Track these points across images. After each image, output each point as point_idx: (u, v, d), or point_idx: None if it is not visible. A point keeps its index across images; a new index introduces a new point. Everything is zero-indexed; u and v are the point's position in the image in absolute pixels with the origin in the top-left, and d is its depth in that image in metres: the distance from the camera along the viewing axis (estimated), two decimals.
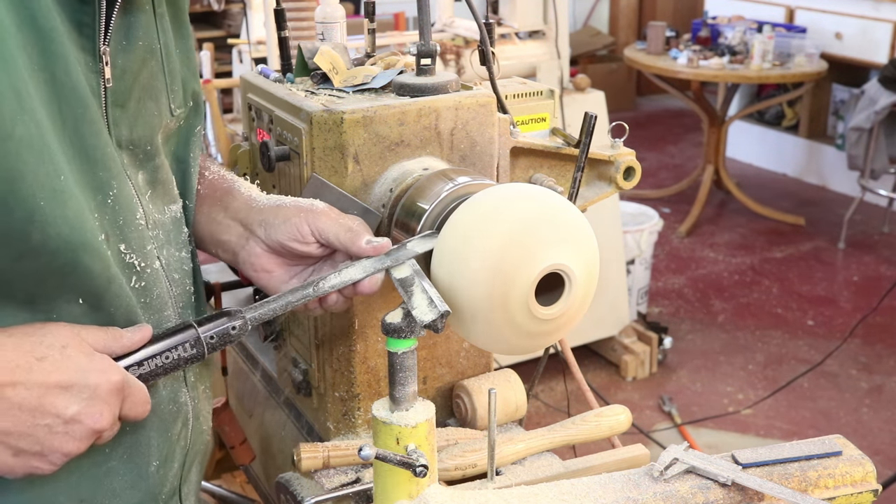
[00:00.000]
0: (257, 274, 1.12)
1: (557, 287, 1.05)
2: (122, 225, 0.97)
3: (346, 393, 1.29)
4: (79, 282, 0.91)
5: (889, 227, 5.39)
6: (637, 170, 1.40)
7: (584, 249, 1.05)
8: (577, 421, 1.31)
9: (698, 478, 1.09)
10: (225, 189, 1.18)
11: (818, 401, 3.72)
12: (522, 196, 1.05)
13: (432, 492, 1.02)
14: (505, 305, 1.02)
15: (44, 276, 0.89)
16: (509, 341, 1.07)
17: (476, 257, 1.01)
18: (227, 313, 1.00)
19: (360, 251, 1.06)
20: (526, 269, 1.01)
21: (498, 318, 1.03)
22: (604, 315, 3.79)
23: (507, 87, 1.42)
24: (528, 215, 1.03)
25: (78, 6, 0.90)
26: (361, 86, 1.27)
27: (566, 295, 1.05)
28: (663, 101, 8.13)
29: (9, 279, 0.87)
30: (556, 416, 3.50)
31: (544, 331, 1.07)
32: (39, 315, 0.91)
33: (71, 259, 0.89)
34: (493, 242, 1.01)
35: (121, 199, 0.96)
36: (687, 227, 5.35)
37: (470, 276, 1.02)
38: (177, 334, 0.98)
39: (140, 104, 1.01)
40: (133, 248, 0.99)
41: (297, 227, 1.08)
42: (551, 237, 1.02)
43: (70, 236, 0.88)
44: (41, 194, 0.84)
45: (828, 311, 4.46)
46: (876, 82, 4.93)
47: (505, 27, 3.40)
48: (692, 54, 5.20)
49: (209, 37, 6.01)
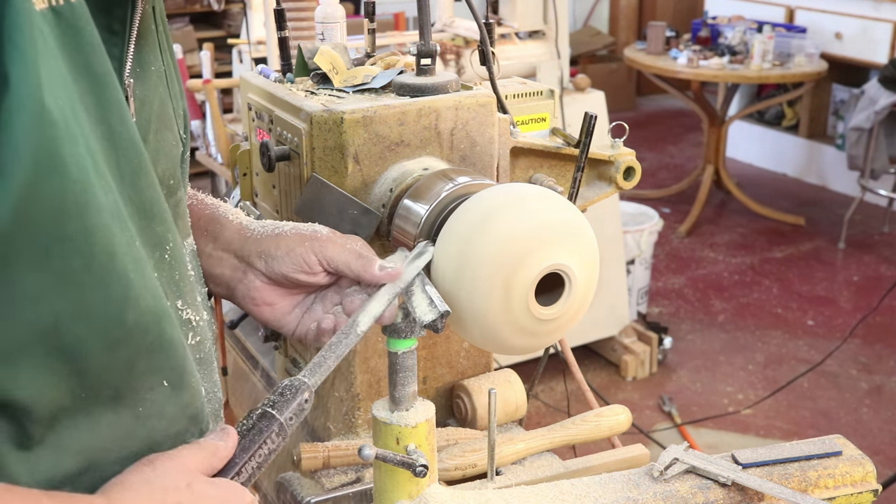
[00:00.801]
0: (258, 308, 1.05)
1: (557, 287, 1.05)
2: (177, 280, 0.88)
3: (346, 393, 1.29)
4: (164, 359, 0.82)
5: (889, 227, 5.39)
6: (637, 170, 1.40)
7: (584, 249, 1.05)
8: (577, 421, 1.31)
9: (698, 478, 1.09)
10: (209, 216, 1.09)
11: (818, 401, 3.72)
12: (522, 196, 1.05)
13: (432, 492, 1.02)
14: (505, 306, 1.02)
15: (134, 361, 0.79)
16: (509, 342, 1.07)
17: (476, 257, 1.01)
18: (291, 387, 0.92)
19: (374, 279, 1.00)
20: (526, 269, 1.01)
21: (498, 319, 1.03)
22: (604, 315, 3.80)
23: (507, 87, 1.42)
24: (528, 215, 1.03)
25: (108, 37, 0.79)
26: (361, 86, 1.27)
27: (566, 295, 1.05)
28: (663, 101, 8.13)
29: (99, 375, 0.77)
30: (556, 416, 3.50)
31: (544, 331, 1.07)
32: (125, 414, 0.80)
33: (157, 333, 0.80)
34: (494, 242, 1.01)
35: (175, 253, 0.88)
36: (687, 227, 5.35)
37: (470, 276, 1.02)
38: (260, 428, 0.88)
39: (158, 136, 0.91)
40: (188, 303, 0.91)
41: (302, 257, 1.01)
42: (551, 237, 1.02)
43: (155, 307, 0.79)
44: (130, 265, 0.75)
45: (828, 311, 4.46)
46: (876, 82, 4.94)
47: (505, 27, 3.40)
48: (692, 54, 5.20)
49: (209, 37, 6.01)
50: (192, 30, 6.25)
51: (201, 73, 3.32)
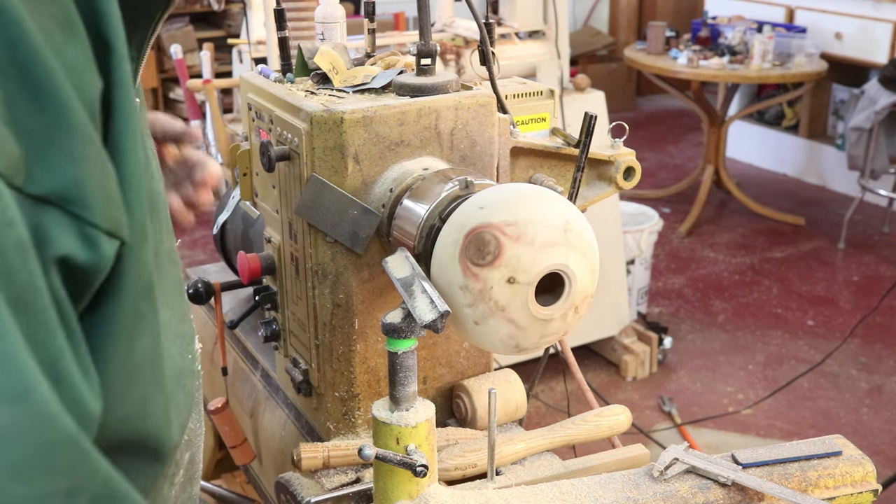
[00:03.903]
0: None
1: (557, 287, 1.05)
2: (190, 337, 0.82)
3: (346, 393, 1.29)
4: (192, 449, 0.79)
5: (889, 227, 5.38)
6: (637, 170, 1.40)
7: (584, 249, 1.05)
8: (577, 421, 1.31)
9: (698, 478, 1.09)
10: None
11: (818, 401, 3.72)
12: (522, 196, 1.05)
13: (432, 492, 1.02)
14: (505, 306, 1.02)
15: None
16: (509, 342, 1.07)
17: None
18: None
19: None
20: (526, 269, 1.01)
21: (498, 319, 1.03)
22: (604, 315, 3.79)
23: (507, 87, 1.42)
24: (528, 216, 1.03)
25: None
26: (361, 86, 1.27)
27: (566, 295, 1.04)
28: (663, 101, 8.13)
29: None
30: (556, 416, 3.50)
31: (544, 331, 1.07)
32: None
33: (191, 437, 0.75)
34: (525, 216, 1.01)
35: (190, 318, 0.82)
36: (687, 227, 5.35)
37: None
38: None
39: None
40: (195, 355, 0.84)
41: None
42: (551, 237, 1.02)
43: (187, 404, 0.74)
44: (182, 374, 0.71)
45: (828, 311, 4.46)
46: (876, 82, 4.93)
47: (505, 27, 3.40)
48: (692, 54, 5.20)
49: (209, 37, 6.01)
50: (192, 30, 6.25)
51: (201, 73, 3.32)
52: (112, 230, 0.57)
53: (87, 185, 0.55)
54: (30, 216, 0.52)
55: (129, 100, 0.61)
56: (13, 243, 0.50)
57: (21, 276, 0.50)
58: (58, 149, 0.54)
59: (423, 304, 0.99)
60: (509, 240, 1.00)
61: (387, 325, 0.98)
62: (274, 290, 1.39)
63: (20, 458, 0.49)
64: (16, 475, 0.49)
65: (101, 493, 0.54)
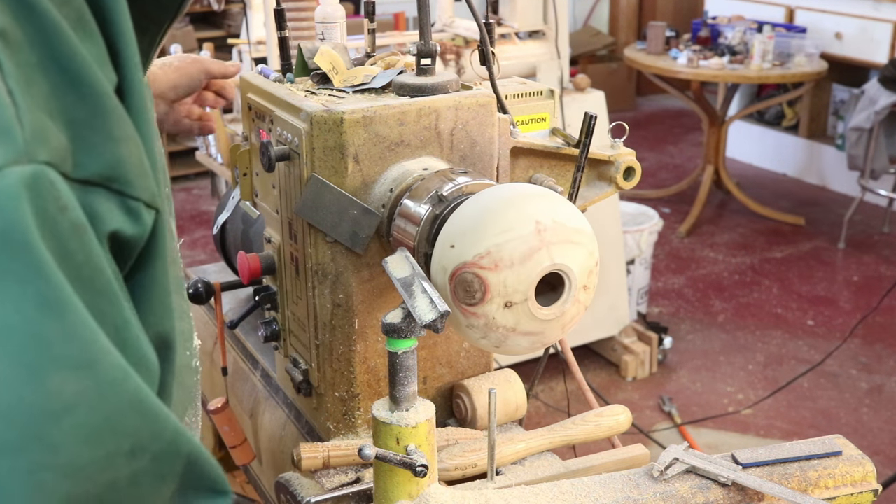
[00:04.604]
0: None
1: (557, 287, 1.05)
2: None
3: (346, 393, 1.29)
4: None
5: (889, 227, 5.38)
6: (637, 170, 1.40)
7: (567, 235, 1.05)
8: (577, 421, 1.31)
9: (698, 478, 1.09)
10: None
11: (818, 401, 3.72)
12: (486, 216, 1.04)
13: (432, 492, 1.02)
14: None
15: None
16: (535, 346, 1.07)
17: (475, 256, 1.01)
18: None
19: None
20: (517, 290, 1.01)
21: (513, 337, 1.04)
22: (604, 315, 3.79)
23: (507, 87, 1.42)
24: (496, 240, 1.02)
25: None
26: (361, 86, 1.27)
27: (566, 295, 1.04)
28: (663, 101, 8.13)
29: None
30: (556, 416, 3.50)
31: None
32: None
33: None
34: (493, 242, 1.01)
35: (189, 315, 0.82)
36: (687, 227, 5.35)
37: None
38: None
39: None
40: (193, 351, 0.84)
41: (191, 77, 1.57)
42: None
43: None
44: None
45: (828, 311, 4.46)
46: (876, 82, 4.93)
47: (505, 27, 3.40)
48: (692, 54, 5.20)
49: (209, 37, 6.01)
50: (192, 30, 6.25)
51: None
52: (150, 201, 0.60)
53: (126, 163, 0.58)
54: (80, 199, 0.55)
55: (141, 94, 0.64)
56: (69, 225, 0.53)
57: (79, 255, 0.53)
58: (99, 133, 0.57)
59: (423, 304, 0.98)
60: (489, 272, 1.00)
61: (387, 325, 0.98)
62: (274, 290, 1.39)
63: (88, 423, 0.52)
64: (83, 440, 0.51)
65: (164, 450, 0.57)
